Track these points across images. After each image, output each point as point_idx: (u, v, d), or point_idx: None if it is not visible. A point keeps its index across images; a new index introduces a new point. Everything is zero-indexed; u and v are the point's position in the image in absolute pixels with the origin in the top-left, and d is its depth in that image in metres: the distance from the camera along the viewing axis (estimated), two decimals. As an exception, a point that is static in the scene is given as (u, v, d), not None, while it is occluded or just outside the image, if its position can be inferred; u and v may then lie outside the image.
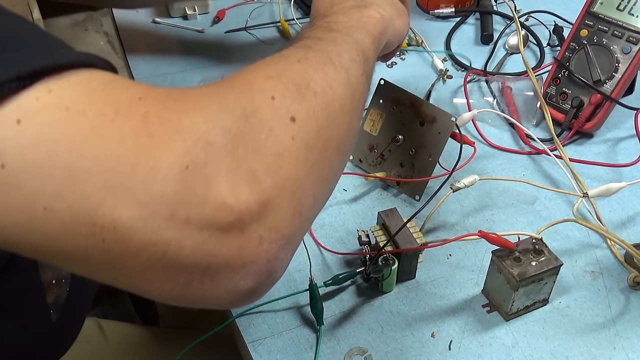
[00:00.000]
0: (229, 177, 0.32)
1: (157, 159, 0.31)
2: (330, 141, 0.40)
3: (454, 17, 1.07)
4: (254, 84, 0.38)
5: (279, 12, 1.04)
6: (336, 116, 0.41)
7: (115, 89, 0.33)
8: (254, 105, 0.36)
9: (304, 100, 0.39)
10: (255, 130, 0.34)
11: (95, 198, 0.30)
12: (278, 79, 0.39)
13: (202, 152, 0.32)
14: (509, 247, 0.59)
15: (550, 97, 0.85)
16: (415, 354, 0.58)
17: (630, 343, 0.59)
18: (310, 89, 0.40)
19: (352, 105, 0.45)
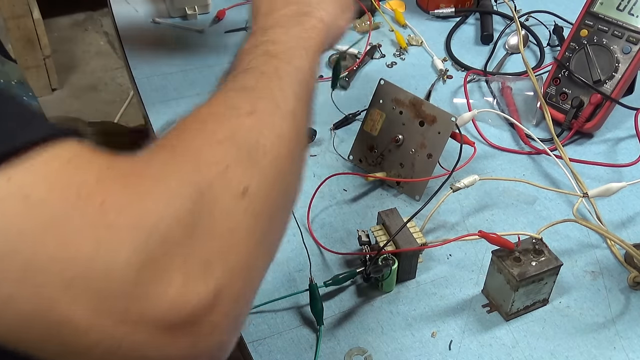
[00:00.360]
0: (182, 272, 0.32)
1: (114, 254, 0.31)
2: (279, 199, 0.42)
3: (454, 17, 1.07)
4: (206, 153, 0.38)
5: (279, 12, 1.04)
6: (285, 168, 0.42)
7: (78, 166, 0.33)
8: (207, 180, 0.36)
9: (255, 164, 0.39)
10: (208, 213, 0.35)
11: (52, 294, 0.30)
12: (230, 144, 0.39)
13: (157, 248, 0.32)
14: (509, 247, 0.59)
15: (550, 97, 0.85)
16: (415, 354, 0.58)
17: (630, 343, 0.59)
18: (260, 149, 0.40)
19: (299, 148, 0.46)
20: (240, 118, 0.42)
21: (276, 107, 0.44)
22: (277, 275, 0.64)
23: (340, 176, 0.75)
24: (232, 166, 0.37)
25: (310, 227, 0.69)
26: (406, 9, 1.10)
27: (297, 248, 0.67)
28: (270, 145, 0.41)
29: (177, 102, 0.86)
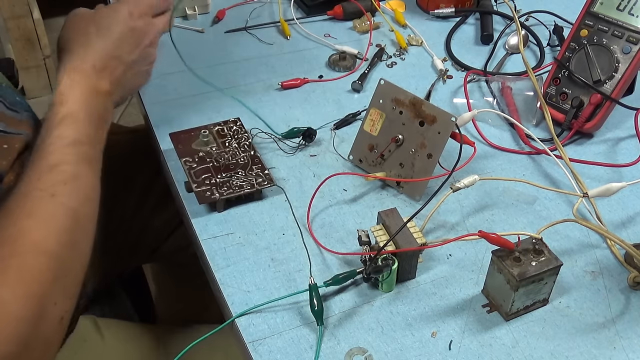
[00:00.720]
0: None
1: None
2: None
3: (454, 17, 1.07)
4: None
5: (279, 12, 1.04)
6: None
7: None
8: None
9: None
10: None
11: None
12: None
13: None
14: (509, 247, 0.59)
15: (550, 97, 0.85)
16: (415, 354, 0.58)
17: (630, 343, 0.59)
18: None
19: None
20: (71, 251, 0.54)
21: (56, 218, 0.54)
22: (277, 275, 0.64)
23: (340, 176, 0.75)
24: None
25: (310, 227, 0.69)
26: (406, 9, 1.10)
27: (297, 248, 0.67)
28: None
29: (177, 102, 0.86)
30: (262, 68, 0.93)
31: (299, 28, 1.02)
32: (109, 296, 0.91)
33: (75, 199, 0.55)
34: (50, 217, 0.53)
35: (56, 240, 0.52)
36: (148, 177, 0.93)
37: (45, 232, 0.52)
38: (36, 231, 0.51)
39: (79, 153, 0.58)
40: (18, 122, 0.66)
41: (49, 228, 0.52)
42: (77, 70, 0.62)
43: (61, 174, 0.55)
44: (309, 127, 0.79)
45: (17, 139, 0.65)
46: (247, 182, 0.71)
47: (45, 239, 0.51)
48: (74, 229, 0.54)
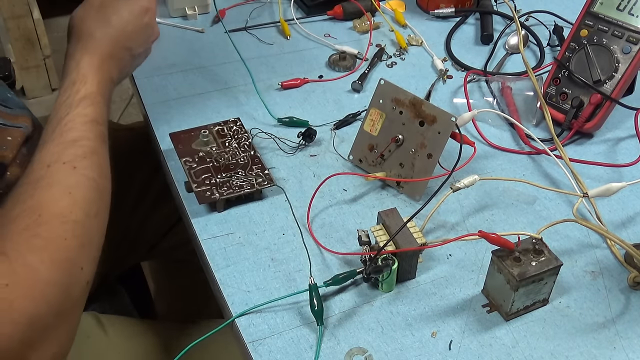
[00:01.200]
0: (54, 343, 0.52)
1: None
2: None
3: (454, 17, 1.07)
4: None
5: (279, 12, 1.04)
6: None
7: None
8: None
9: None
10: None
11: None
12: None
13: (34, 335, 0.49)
14: (509, 247, 0.59)
15: (550, 97, 0.85)
16: (415, 354, 0.58)
17: (630, 343, 0.59)
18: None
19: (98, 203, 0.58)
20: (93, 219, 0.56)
21: (100, 196, 0.58)
22: (277, 275, 0.64)
23: (340, 176, 0.75)
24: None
25: (310, 227, 0.69)
26: (406, 9, 1.10)
27: (297, 248, 0.67)
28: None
29: (177, 102, 0.86)
30: (262, 68, 0.93)
31: (299, 28, 1.02)
32: (109, 293, 0.91)
33: (96, 172, 0.58)
34: (73, 187, 0.55)
35: (80, 209, 0.54)
36: (147, 174, 0.94)
37: (70, 201, 0.54)
38: (61, 200, 0.54)
39: (96, 131, 0.60)
40: (14, 117, 0.69)
41: (74, 198, 0.54)
42: (97, 55, 0.65)
43: (81, 148, 0.58)
44: (309, 126, 0.79)
45: (18, 132, 0.67)
46: (247, 182, 0.71)
47: (70, 207, 0.54)
48: (95, 199, 0.57)
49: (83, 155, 0.58)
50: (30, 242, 0.50)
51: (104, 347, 0.76)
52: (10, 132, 0.67)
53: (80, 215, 0.54)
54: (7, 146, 0.65)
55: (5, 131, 0.67)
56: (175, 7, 1.02)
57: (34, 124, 0.71)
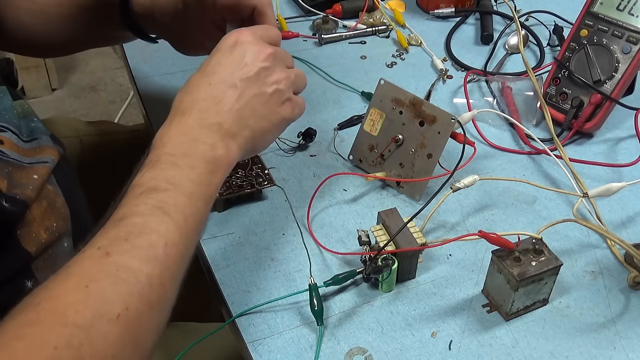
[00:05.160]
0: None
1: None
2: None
3: (454, 17, 1.08)
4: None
5: (276, 11, 1.04)
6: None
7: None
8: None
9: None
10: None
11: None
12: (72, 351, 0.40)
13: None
14: (509, 247, 0.59)
15: (550, 97, 0.85)
16: (415, 354, 0.58)
17: (630, 343, 0.59)
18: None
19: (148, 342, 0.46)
20: (109, 325, 0.42)
21: (149, 305, 0.45)
22: (277, 275, 0.64)
23: (340, 176, 0.75)
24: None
25: (310, 227, 0.69)
26: (406, 9, 1.10)
27: (297, 248, 0.67)
28: (128, 357, 0.43)
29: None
30: (262, 68, 0.93)
31: (298, 27, 1.02)
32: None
33: (138, 259, 0.45)
34: (94, 279, 0.43)
35: (90, 309, 0.42)
36: None
37: (80, 297, 0.42)
38: (69, 295, 0.42)
39: (154, 202, 0.49)
40: (39, 151, 0.65)
41: (88, 292, 0.42)
42: (176, 117, 0.57)
43: (125, 227, 0.47)
44: (308, 127, 0.79)
45: (44, 169, 0.63)
46: (247, 182, 0.71)
47: (77, 306, 0.42)
48: (123, 296, 0.43)
49: (124, 237, 0.46)
50: (10, 346, 0.39)
51: None
52: (36, 170, 0.62)
53: (87, 318, 0.41)
54: (32, 185, 0.61)
55: (31, 170, 0.62)
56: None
57: (59, 154, 0.68)
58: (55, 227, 0.63)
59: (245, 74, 0.57)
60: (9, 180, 0.59)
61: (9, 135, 0.63)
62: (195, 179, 0.52)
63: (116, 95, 2.35)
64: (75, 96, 2.33)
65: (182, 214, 0.49)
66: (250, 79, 0.58)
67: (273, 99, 0.59)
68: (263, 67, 0.58)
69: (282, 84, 0.59)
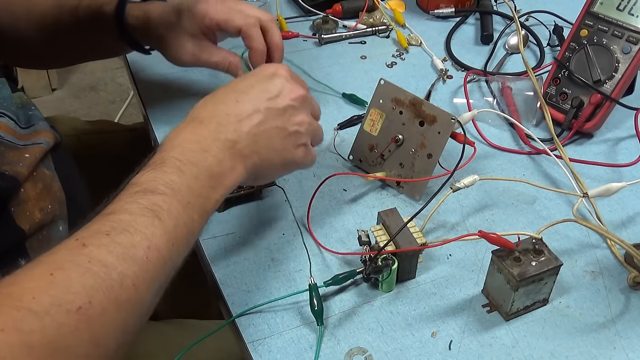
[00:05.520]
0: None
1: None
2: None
3: (454, 17, 1.08)
4: (6, 355, 0.37)
5: (277, 11, 1.04)
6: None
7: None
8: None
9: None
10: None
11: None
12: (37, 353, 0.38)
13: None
14: (509, 247, 0.59)
15: (550, 97, 0.85)
16: (415, 354, 0.58)
17: (630, 343, 0.59)
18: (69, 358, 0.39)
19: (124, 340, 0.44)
20: (67, 315, 0.40)
21: (116, 304, 0.42)
22: (277, 275, 0.64)
23: (340, 176, 0.75)
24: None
25: (310, 227, 0.69)
26: (406, 9, 1.10)
27: (297, 248, 0.67)
28: (83, 354, 0.40)
29: (177, 102, 0.86)
30: (262, 68, 0.93)
31: (298, 27, 1.02)
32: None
33: (114, 256, 0.44)
34: (61, 268, 0.42)
35: (50, 297, 0.40)
36: None
37: (42, 284, 0.40)
38: (32, 281, 0.41)
39: (146, 203, 0.48)
40: (35, 134, 0.67)
41: (52, 280, 0.41)
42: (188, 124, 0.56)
43: (109, 223, 0.46)
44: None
45: (37, 148, 0.65)
46: (247, 182, 0.71)
47: (35, 292, 0.40)
48: (91, 289, 0.41)
49: (106, 231, 0.45)
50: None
51: None
52: (29, 150, 0.64)
53: (43, 304, 0.39)
54: (23, 163, 0.62)
55: (24, 150, 0.64)
56: (175, 7, 1.02)
57: (55, 138, 0.70)
58: (50, 209, 0.65)
59: (273, 104, 0.58)
60: (0, 158, 0.60)
61: (6, 120, 0.64)
62: (196, 190, 0.51)
63: (116, 95, 2.35)
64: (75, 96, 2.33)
65: (174, 221, 0.48)
66: (276, 110, 0.58)
67: (291, 138, 0.59)
68: (292, 105, 0.59)
69: (303, 128, 0.60)
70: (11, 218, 0.61)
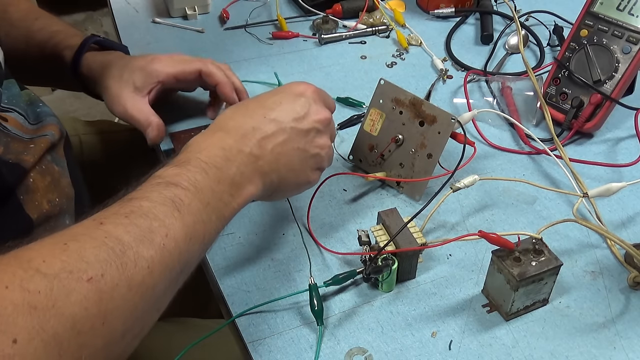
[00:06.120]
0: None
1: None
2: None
3: (454, 17, 1.07)
4: (7, 312, 0.35)
5: (276, 9, 1.04)
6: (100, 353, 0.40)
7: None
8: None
9: (56, 346, 0.36)
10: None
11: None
12: (40, 315, 0.36)
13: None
14: (509, 247, 0.59)
15: (550, 97, 0.85)
16: (415, 354, 0.58)
17: (630, 343, 0.59)
18: (75, 330, 0.38)
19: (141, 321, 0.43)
20: (76, 283, 0.39)
21: (128, 283, 0.41)
22: (277, 275, 0.64)
23: (340, 176, 0.75)
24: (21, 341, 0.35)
25: (310, 227, 0.69)
26: (406, 9, 1.10)
27: (297, 248, 0.67)
28: (89, 328, 0.39)
29: (177, 102, 0.86)
30: (262, 68, 0.93)
31: (298, 27, 1.02)
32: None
33: (132, 235, 0.43)
34: (75, 239, 0.41)
35: (62, 263, 0.39)
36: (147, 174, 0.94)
37: (55, 251, 0.40)
38: (43, 248, 0.40)
39: (167, 194, 0.47)
40: (41, 129, 0.69)
41: (67, 249, 0.40)
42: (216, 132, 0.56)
43: (129, 206, 0.45)
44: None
45: (43, 139, 0.67)
46: (247, 182, 0.71)
47: (46, 256, 0.39)
48: (103, 261, 0.41)
49: (125, 214, 0.44)
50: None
51: None
52: (34, 141, 0.66)
53: (54, 268, 0.38)
54: (28, 152, 0.64)
55: (29, 141, 0.66)
56: (175, 7, 1.02)
57: (61, 132, 0.72)
58: (58, 201, 0.67)
59: (298, 125, 0.58)
60: (5, 147, 0.62)
61: (14, 115, 0.66)
62: (217, 193, 0.51)
63: (116, 95, 2.35)
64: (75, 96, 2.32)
65: (193, 217, 0.48)
66: (301, 131, 0.59)
67: (310, 161, 0.60)
68: (316, 128, 0.60)
69: (324, 152, 0.61)
70: (20, 206, 0.62)
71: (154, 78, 0.74)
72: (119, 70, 0.75)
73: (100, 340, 0.40)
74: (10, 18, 0.81)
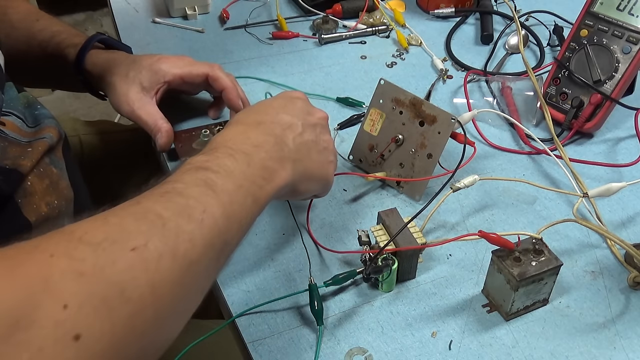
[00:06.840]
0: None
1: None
2: (131, 348, 0.38)
3: (454, 17, 1.07)
4: (54, 279, 0.35)
5: (276, 9, 1.04)
6: (151, 326, 0.39)
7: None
8: (34, 316, 0.33)
9: (107, 313, 0.36)
10: (14, 352, 0.32)
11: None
12: (88, 281, 0.36)
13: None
14: (509, 247, 0.59)
15: (550, 97, 0.85)
16: (415, 354, 0.58)
17: (630, 343, 0.59)
18: (124, 297, 0.37)
19: (185, 298, 0.43)
20: (122, 250, 0.38)
21: (172, 253, 0.41)
22: (277, 275, 0.64)
23: (340, 176, 0.75)
24: (73, 308, 0.34)
25: (309, 227, 0.69)
26: (406, 8, 1.10)
27: (297, 248, 0.67)
28: (138, 297, 0.38)
29: (178, 102, 0.86)
30: (262, 68, 0.93)
31: (298, 27, 1.02)
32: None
33: (169, 210, 0.43)
34: (115, 215, 0.41)
35: (104, 233, 0.39)
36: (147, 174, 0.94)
37: (94, 225, 0.40)
38: (84, 223, 0.40)
39: (197, 180, 0.47)
40: (39, 131, 0.69)
41: (105, 222, 0.40)
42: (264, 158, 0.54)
43: (163, 188, 0.45)
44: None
45: (41, 142, 0.67)
46: (247, 182, 0.71)
47: (87, 228, 0.39)
48: (148, 232, 0.40)
49: (160, 193, 0.45)
50: (5, 252, 0.36)
51: None
52: (31, 144, 0.66)
53: (97, 238, 0.38)
54: (25, 156, 0.65)
55: (27, 145, 0.66)
56: (175, 7, 1.02)
57: (59, 133, 0.72)
58: (56, 204, 0.67)
59: (307, 120, 0.60)
60: (2, 153, 0.62)
61: (12, 119, 0.66)
62: (249, 176, 0.50)
63: (116, 95, 2.35)
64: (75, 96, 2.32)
65: (228, 197, 0.47)
66: (310, 125, 0.60)
67: (324, 153, 0.61)
68: (320, 124, 0.62)
69: (331, 146, 0.63)
70: (18, 209, 0.62)
71: (160, 78, 0.74)
72: (124, 68, 0.75)
73: (151, 310, 0.39)
74: (10, 20, 0.81)
